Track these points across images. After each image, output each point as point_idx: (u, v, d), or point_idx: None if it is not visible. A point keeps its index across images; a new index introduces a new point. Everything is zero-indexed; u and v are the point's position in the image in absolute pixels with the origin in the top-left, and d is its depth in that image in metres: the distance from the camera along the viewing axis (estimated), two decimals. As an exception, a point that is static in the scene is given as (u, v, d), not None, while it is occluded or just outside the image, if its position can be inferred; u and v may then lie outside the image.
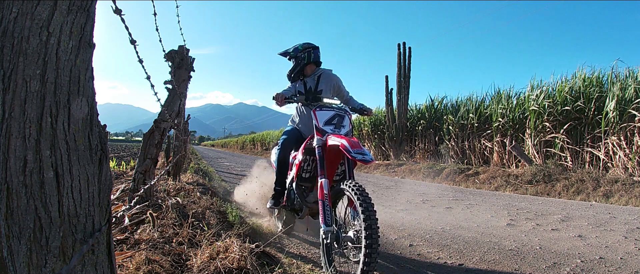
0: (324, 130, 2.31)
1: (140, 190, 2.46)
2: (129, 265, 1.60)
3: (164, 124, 2.90)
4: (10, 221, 0.68)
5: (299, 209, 2.65)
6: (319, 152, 2.26)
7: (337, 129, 2.32)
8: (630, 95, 5.99)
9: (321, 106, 2.47)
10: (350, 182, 1.97)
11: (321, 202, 2.08)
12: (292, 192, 2.67)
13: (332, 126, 2.33)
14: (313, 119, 2.39)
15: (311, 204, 2.53)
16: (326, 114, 2.39)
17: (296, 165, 2.54)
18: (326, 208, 2.05)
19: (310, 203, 2.54)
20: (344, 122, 2.39)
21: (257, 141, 31.02)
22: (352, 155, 1.98)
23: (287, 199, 2.75)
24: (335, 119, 2.37)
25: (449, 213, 3.98)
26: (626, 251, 2.60)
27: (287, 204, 2.76)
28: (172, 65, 3.56)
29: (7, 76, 0.68)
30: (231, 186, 6.20)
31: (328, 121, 2.35)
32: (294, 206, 2.67)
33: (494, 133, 8.25)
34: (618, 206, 4.63)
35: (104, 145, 0.83)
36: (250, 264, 1.80)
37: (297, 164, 2.52)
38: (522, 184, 6.24)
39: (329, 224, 2.03)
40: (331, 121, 2.35)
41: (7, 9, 0.69)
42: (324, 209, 2.05)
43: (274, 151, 3.24)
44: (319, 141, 2.29)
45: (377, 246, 1.75)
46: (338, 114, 2.40)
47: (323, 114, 2.39)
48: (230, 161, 14.42)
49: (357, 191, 1.88)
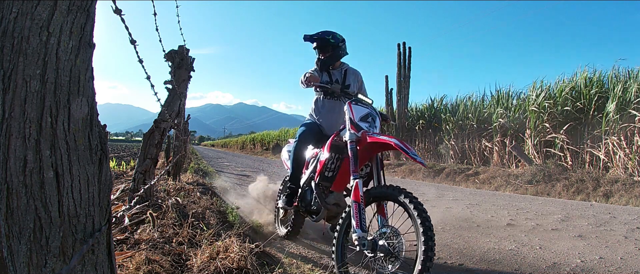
0: (360, 126, 2.12)
1: (140, 190, 2.46)
2: (129, 265, 1.60)
3: (164, 124, 2.90)
4: (10, 221, 0.68)
5: (316, 211, 2.44)
6: (352, 148, 2.05)
7: (371, 128, 2.14)
8: (631, 95, 5.99)
9: (356, 100, 2.29)
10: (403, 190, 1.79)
11: (356, 204, 1.87)
12: (309, 192, 2.49)
13: (367, 124, 2.14)
14: (347, 112, 2.18)
15: (331, 205, 2.34)
16: (362, 110, 2.21)
17: (320, 162, 2.34)
18: (362, 212, 1.85)
19: (330, 205, 2.34)
20: (376, 123, 2.21)
21: (257, 141, 31.02)
22: (411, 155, 1.83)
23: (301, 200, 2.57)
24: (370, 118, 2.19)
25: (449, 212, 3.98)
26: (626, 251, 2.60)
27: (300, 205, 2.58)
28: (172, 65, 3.56)
29: (7, 76, 0.68)
30: (231, 185, 6.20)
31: (363, 118, 2.16)
32: (310, 207, 2.47)
33: (494, 133, 8.25)
34: (618, 206, 4.63)
35: (104, 145, 0.83)
36: (250, 264, 1.80)
37: (322, 162, 2.32)
38: (522, 184, 6.24)
39: (365, 229, 1.83)
40: (366, 118, 2.17)
41: (7, 9, 0.69)
42: (359, 213, 1.84)
43: (286, 148, 3.10)
44: (353, 136, 2.08)
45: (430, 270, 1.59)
46: (371, 114, 2.22)
47: (359, 110, 2.20)
48: (230, 161, 14.42)
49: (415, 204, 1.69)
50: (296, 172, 2.62)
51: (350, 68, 2.78)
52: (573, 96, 6.91)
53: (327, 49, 2.67)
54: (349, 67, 2.78)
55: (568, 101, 6.87)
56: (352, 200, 1.90)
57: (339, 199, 2.36)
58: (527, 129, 7.50)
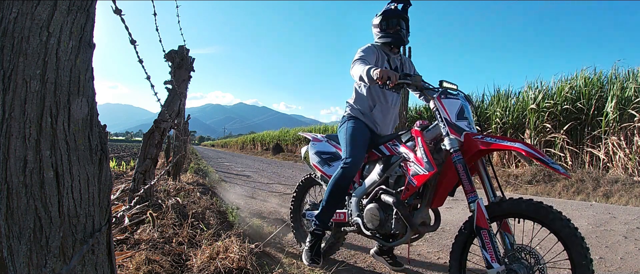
0: (460, 127, 1.66)
1: (140, 190, 2.46)
2: (129, 265, 1.60)
3: (164, 124, 2.90)
4: (10, 221, 0.68)
5: (397, 234, 1.88)
6: (459, 159, 1.60)
7: (470, 125, 1.69)
8: (630, 95, 6.00)
9: (444, 91, 1.78)
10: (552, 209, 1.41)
11: (485, 231, 1.48)
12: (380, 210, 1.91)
13: (465, 121, 1.68)
14: (440, 111, 1.72)
15: (421, 227, 1.84)
16: (454, 104, 1.71)
17: (417, 178, 1.75)
18: (494, 240, 1.49)
19: (418, 226, 1.83)
20: (470, 116, 1.74)
21: (257, 141, 31.03)
22: (551, 164, 1.41)
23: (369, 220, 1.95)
24: (464, 110, 1.71)
25: (449, 212, 3.97)
26: (626, 251, 2.60)
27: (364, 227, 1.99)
28: (172, 65, 3.57)
29: (7, 76, 0.68)
30: (231, 185, 6.20)
31: (459, 114, 1.69)
32: (389, 229, 1.89)
33: (494, 133, 8.25)
34: (618, 206, 4.63)
35: (104, 145, 0.83)
36: (250, 264, 1.80)
37: (426, 176, 1.72)
38: (522, 184, 6.24)
39: (502, 261, 1.47)
40: (462, 113, 1.70)
41: (7, 9, 0.69)
42: (492, 243, 1.47)
43: (312, 150, 2.41)
44: (454, 143, 1.63)
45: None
46: (464, 106, 1.73)
47: (452, 104, 1.71)
48: (230, 161, 14.42)
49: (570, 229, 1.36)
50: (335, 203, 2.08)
51: (404, 57, 2.28)
52: (573, 96, 6.92)
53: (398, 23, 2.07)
54: (401, 55, 2.26)
55: (568, 100, 6.87)
56: (478, 226, 1.50)
57: (426, 216, 1.88)
58: (526, 129, 7.50)
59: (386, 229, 1.90)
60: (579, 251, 1.31)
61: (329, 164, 2.29)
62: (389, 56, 2.14)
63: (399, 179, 1.92)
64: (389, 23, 2.08)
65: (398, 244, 1.88)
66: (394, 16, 2.08)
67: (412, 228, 1.80)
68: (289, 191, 5.44)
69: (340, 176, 2.00)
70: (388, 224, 1.89)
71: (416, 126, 1.86)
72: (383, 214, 1.91)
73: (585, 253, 1.31)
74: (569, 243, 1.34)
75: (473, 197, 1.55)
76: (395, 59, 2.16)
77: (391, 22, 2.08)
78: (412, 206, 1.87)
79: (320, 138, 2.46)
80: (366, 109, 2.13)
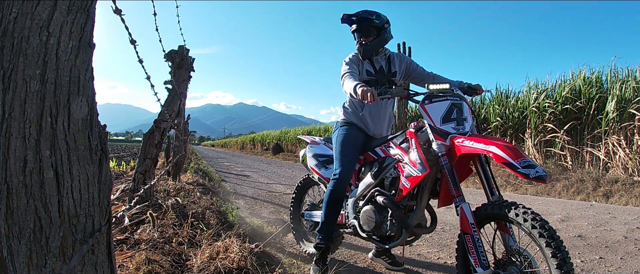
0: (446, 131, 1.66)
1: (140, 190, 2.46)
2: (129, 265, 1.60)
3: (164, 124, 2.90)
4: (10, 221, 0.68)
5: (393, 236, 1.89)
6: (446, 165, 1.61)
7: (460, 126, 1.68)
8: (630, 94, 6.00)
9: (430, 96, 1.77)
10: (525, 210, 1.38)
11: (469, 236, 1.49)
12: (376, 212, 1.93)
13: (453, 123, 1.68)
14: (424, 118, 1.74)
15: (416, 228, 1.85)
16: (440, 106, 1.72)
17: (410, 179, 1.76)
18: (478, 244, 1.48)
19: (414, 227, 1.84)
20: (464, 113, 1.72)
21: (257, 141, 31.02)
22: (521, 171, 1.34)
23: (365, 221, 1.98)
24: (454, 111, 1.71)
25: (449, 212, 3.98)
26: (626, 251, 2.60)
27: (360, 229, 2.02)
28: (172, 65, 3.57)
29: (7, 76, 0.68)
30: (231, 185, 6.20)
31: (446, 117, 1.69)
32: (384, 231, 1.91)
33: (494, 133, 8.25)
34: (618, 206, 4.63)
35: (104, 145, 0.83)
36: (250, 264, 1.80)
37: (418, 177, 1.73)
38: (522, 184, 6.24)
39: (486, 266, 1.47)
40: (449, 115, 1.70)
41: (7, 9, 0.69)
42: (476, 247, 1.48)
43: (309, 153, 2.45)
44: (441, 147, 1.64)
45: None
46: (454, 103, 1.72)
47: (437, 108, 1.72)
48: (230, 161, 14.43)
49: (546, 232, 1.34)
50: (334, 212, 2.10)
51: (391, 52, 2.27)
52: (573, 95, 6.92)
53: (370, 33, 2.12)
54: (390, 51, 2.27)
55: (568, 100, 6.88)
56: (463, 231, 1.52)
57: (422, 218, 1.89)
58: (527, 128, 7.51)
59: (382, 231, 1.92)
60: (558, 255, 1.33)
61: (326, 166, 2.35)
62: (371, 59, 2.18)
63: (394, 181, 1.93)
64: (355, 35, 2.17)
65: (394, 246, 1.89)
66: (354, 31, 2.15)
67: (408, 230, 1.82)
68: (289, 191, 5.44)
69: (332, 189, 2.06)
70: (384, 226, 1.90)
71: (410, 127, 1.88)
72: (379, 216, 1.92)
73: (565, 257, 1.35)
74: (549, 258, 1.35)
75: (458, 201, 1.57)
76: (379, 59, 2.19)
77: (355, 34, 2.16)
78: (408, 208, 1.88)
79: (318, 141, 2.50)
80: (358, 111, 2.19)
